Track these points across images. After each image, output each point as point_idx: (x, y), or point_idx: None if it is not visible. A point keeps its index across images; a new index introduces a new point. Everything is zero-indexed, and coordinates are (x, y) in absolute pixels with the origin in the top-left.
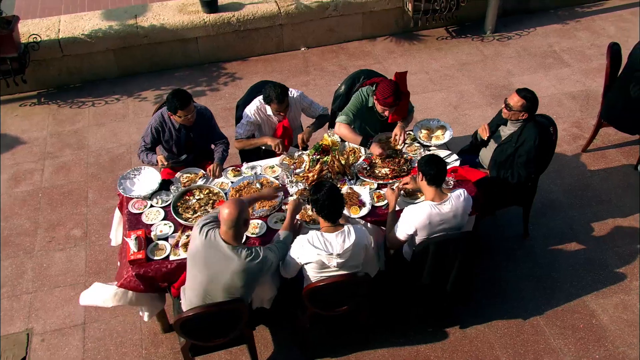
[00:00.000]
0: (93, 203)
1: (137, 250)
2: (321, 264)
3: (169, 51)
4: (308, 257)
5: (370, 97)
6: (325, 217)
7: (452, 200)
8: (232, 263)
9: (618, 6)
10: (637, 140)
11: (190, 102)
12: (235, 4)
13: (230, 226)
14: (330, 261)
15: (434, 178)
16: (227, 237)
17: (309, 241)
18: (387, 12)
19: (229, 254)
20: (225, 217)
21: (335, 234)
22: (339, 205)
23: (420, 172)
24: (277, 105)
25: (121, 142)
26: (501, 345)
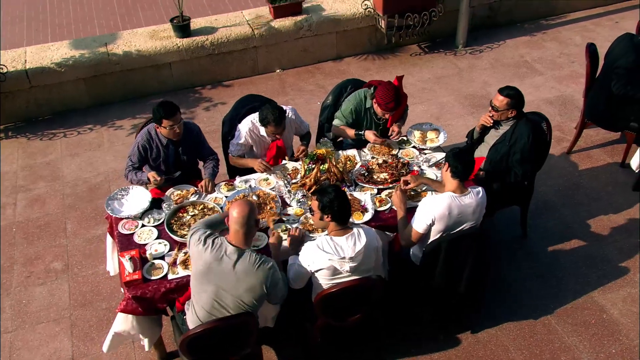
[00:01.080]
0: (73, 234)
1: (132, 270)
2: (333, 270)
3: (142, 78)
4: (319, 264)
5: (368, 98)
6: (336, 219)
7: (472, 195)
8: (243, 267)
9: (580, 18)
10: (618, 140)
11: (176, 112)
12: (208, 28)
13: (242, 224)
14: (343, 266)
15: (459, 172)
16: (237, 239)
17: (318, 247)
18: (360, 30)
19: (240, 257)
20: (236, 216)
21: (345, 237)
22: (348, 206)
23: (446, 163)
24: (275, 128)
25: (98, 171)
26: (516, 347)
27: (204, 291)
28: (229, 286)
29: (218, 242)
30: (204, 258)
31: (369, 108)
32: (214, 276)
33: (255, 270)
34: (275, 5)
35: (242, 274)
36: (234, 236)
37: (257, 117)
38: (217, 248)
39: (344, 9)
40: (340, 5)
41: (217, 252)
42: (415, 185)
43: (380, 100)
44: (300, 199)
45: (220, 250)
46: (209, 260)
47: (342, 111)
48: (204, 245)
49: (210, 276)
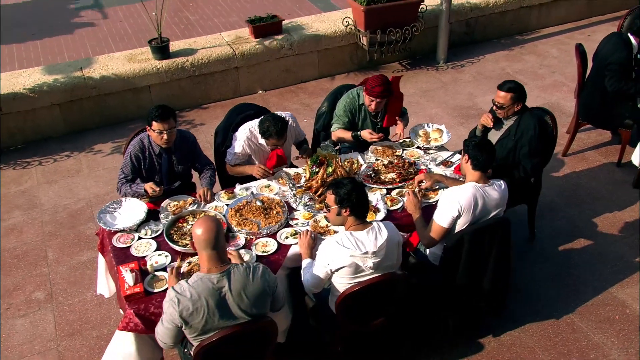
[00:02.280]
0: (55, 262)
1: (133, 283)
2: (355, 268)
3: (120, 102)
4: (340, 262)
5: (361, 95)
6: (355, 212)
7: (495, 187)
8: (239, 284)
9: (553, 32)
10: (610, 141)
11: (170, 116)
12: (187, 50)
13: (212, 246)
14: (366, 262)
15: (481, 163)
16: (211, 264)
17: (338, 243)
18: (341, 48)
19: (230, 277)
20: (201, 237)
21: (366, 232)
22: (366, 198)
23: (466, 155)
24: (276, 141)
25: (79, 197)
26: (542, 348)
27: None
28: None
29: (197, 281)
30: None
31: (362, 104)
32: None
33: (253, 280)
34: (255, 25)
35: (243, 291)
36: (207, 262)
37: (255, 124)
38: (205, 306)
39: (324, 28)
40: (320, 24)
41: (211, 301)
42: (430, 184)
43: (368, 86)
44: (307, 203)
45: (208, 296)
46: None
47: (337, 113)
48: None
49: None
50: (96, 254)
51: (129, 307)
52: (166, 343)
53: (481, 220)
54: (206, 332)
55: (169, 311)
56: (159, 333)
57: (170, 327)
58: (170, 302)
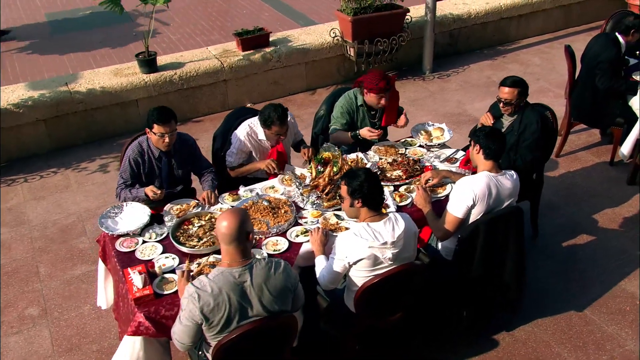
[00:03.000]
0: (48, 277)
1: (142, 286)
2: (373, 260)
3: (107, 117)
4: (358, 254)
5: (358, 96)
6: (367, 204)
7: (507, 177)
8: (260, 278)
9: (533, 43)
10: (600, 142)
11: (171, 119)
12: (174, 64)
13: (232, 240)
14: (384, 253)
15: (493, 152)
16: (230, 258)
17: (356, 234)
18: (329, 60)
19: (252, 271)
20: (223, 230)
21: (383, 222)
22: (380, 189)
23: (477, 145)
24: (279, 128)
25: (69, 212)
26: (557, 341)
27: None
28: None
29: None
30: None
31: (360, 105)
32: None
33: (275, 274)
34: (242, 37)
35: (265, 285)
36: (229, 255)
37: (254, 120)
38: (226, 299)
39: (312, 40)
40: (306, 36)
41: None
42: (438, 180)
43: (372, 85)
44: (314, 201)
45: (230, 290)
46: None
47: (335, 115)
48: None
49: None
50: (91, 267)
51: (138, 311)
52: (184, 343)
53: (494, 210)
54: (226, 329)
55: (188, 308)
56: (177, 333)
57: (190, 325)
58: (190, 298)
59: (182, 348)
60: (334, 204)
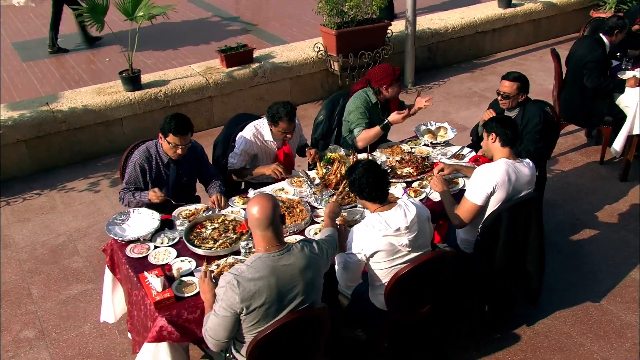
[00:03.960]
0: (42, 298)
1: (161, 289)
2: (390, 249)
3: (91, 137)
4: (374, 245)
5: (371, 95)
6: (370, 197)
7: (525, 164)
8: (299, 263)
9: (507, 56)
10: (588, 143)
11: (188, 132)
12: (159, 81)
13: (268, 224)
14: (400, 240)
15: (509, 138)
16: (267, 243)
17: (367, 226)
18: (312, 75)
19: (289, 255)
20: (258, 216)
21: (393, 210)
22: (382, 181)
23: (492, 133)
24: (287, 125)
25: (57, 232)
26: (578, 332)
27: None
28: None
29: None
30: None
31: (375, 103)
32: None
33: (311, 253)
34: (227, 54)
35: (304, 268)
36: (263, 241)
37: (260, 122)
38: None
39: (295, 56)
40: (289, 52)
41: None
42: (450, 171)
43: (389, 78)
44: (328, 200)
45: (270, 274)
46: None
47: (353, 118)
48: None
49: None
50: (87, 286)
51: (160, 315)
52: (219, 340)
53: (514, 198)
54: (266, 317)
55: (226, 296)
56: (211, 328)
57: (228, 316)
58: (228, 286)
59: (217, 346)
60: (348, 202)
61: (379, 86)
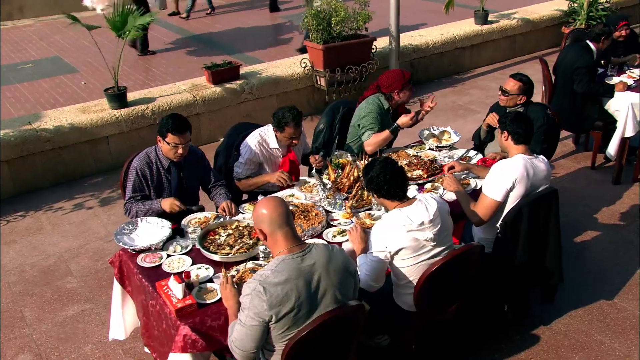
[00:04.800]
0: (36, 320)
1: (182, 296)
2: (415, 244)
3: (76, 156)
4: (398, 241)
5: (382, 101)
6: (389, 194)
7: (541, 160)
8: (322, 260)
9: (486, 71)
10: (576, 150)
11: (186, 130)
12: (144, 99)
13: (285, 221)
14: (425, 234)
15: (522, 136)
16: (289, 242)
17: (390, 222)
18: (299, 92)
19: (311, 254)
20: (272, 214)
21: (414, 205)
22: (401, 177)
23: (505, 132)
24: (294, 130)
25: (47, 253)
26: (596, 330)
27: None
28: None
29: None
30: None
31: (387, 109)
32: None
33: (335, 254)
34: (213, 71)
35: (329, 267)
36: (285, 241)
37: (264, 129)
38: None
39: (281, 72)
40: (275, 69)
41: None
42: (461, 169)
43: (401, 82)
44: (342, 203)
45: (297, 277)
46: (305, 300)
47: (366, 122)
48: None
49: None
50: (85, 306)
51: (182, 323)
52: (246, 351)
53: (532, 194)
54: (296, 322)
55: (252, 305)
56: (238, 339)
57: (256, 325)
58: (254, 294)
59: (244, 358)
60: (363, 204)
61: (389, 92)
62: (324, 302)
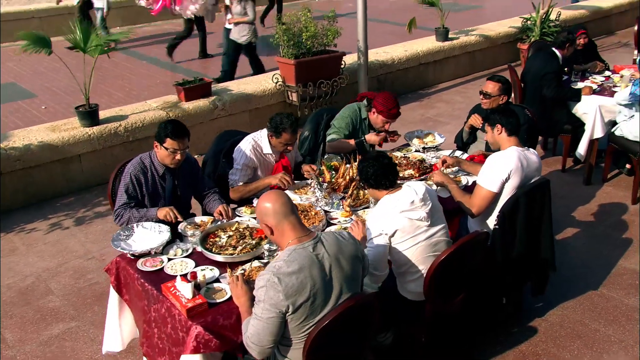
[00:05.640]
0: (19, 342)
1: (191, 295)
2: (410, 225)
3: (47, 176)
4: (393, 223)
5: (363, 110)
6: (376, 184)
7: (531, 152)
8: (335, 248)
9: (449, 86)
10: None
11: (185, 136)
12: (116, 117)
13: (290, 210)
14: (418, 213)
15: (514, 127)
16: (298, 232)
17: (382, 208)
18: (271, 107)
19: (322, 244)
20: (276, 205)
21: (403, 189)
22: (389, 169)
23: (497, 125)
24: (290, 136)
25: (23, 274)
26: (590, 319)
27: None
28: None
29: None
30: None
31: (364, 119)
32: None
33: (345, 241)
34: (185, 87)
35: (340, 255)
36: (294, 230)
37: (257, 135)
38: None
39: (253, 88)
40: (246, 86)
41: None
42: (453, 162)
43: (383, 108)
44: (340, 203)
45: (310, 265)
46: (319, 290)
47: (337, 125)
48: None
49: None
50: (70, 324)
51: (194, 323)
52: (263, 346)
53: (526, 185)
54: (312, 313)
55: (268, 296)
56: (254, 335)
57: (273, 317)
58: (268, 285)
59: (261, 354)
60: (359, 203)
61: (377, 111)
62: (338, 291)
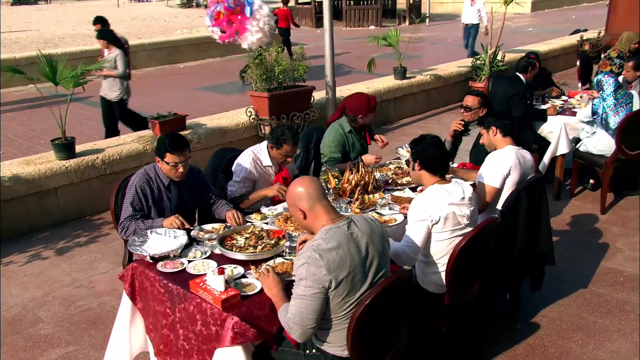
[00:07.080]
0: None
1: (224, 288)
2: (453, 218)
3: (23, 210)
4: (441, 210)
5: (344, 124)
6: (433, 168)
7: (526, 151)
8: (366, 229)
9: (410, 121)
10: None
11: (185, 148)
12: (93, 150)
13: (322, 194)
14: (462, 210)
15: (509, 127)
16: (332, 213)
17: (432, 194)
18: (244, 141)
19: (355, 225)
20: (310, 189)
21: (452, 183)
22: (446, 158)
23: (492, 127)
24: (291, 147)
25: (8, 304)
26: (587, 312)
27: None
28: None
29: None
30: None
31: (349, 131)
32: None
33: (373, 222)
34: (161, 121)
35: (372, 234)
36: (327, 213)
37: (257, 147)
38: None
39: (227, 122)
40: (219, 120)
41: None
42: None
43: (365, 107)
44: (347, 207)
45: (347, 242)
46: (357, 266)
47: (328, 152)
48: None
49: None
50: (67, 349)
51: (230, 315)
52: (306, 326)
53: (525, 181)
54: (353, 289)
55: (310, 272)
56: (296, 314)
57: (317, 293)
58: (310, 262)
59: (304, 335)
60: (365, 207)
61: (354, 115)
62: (375, 267)
